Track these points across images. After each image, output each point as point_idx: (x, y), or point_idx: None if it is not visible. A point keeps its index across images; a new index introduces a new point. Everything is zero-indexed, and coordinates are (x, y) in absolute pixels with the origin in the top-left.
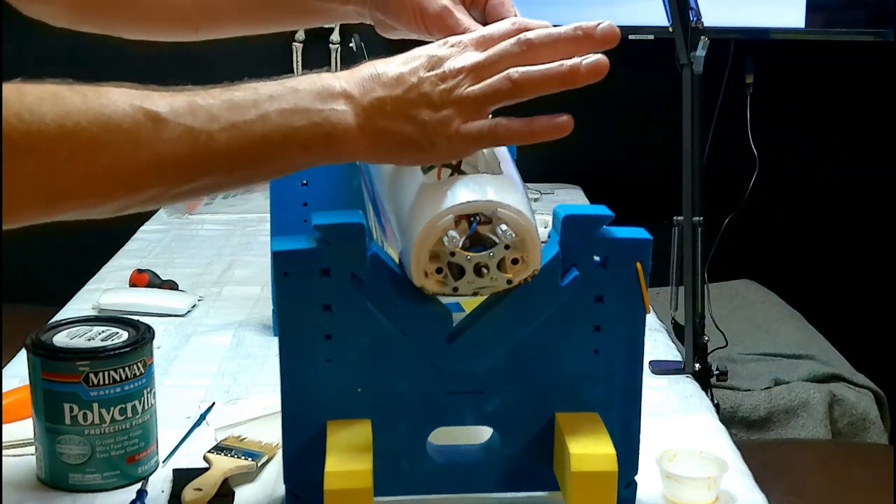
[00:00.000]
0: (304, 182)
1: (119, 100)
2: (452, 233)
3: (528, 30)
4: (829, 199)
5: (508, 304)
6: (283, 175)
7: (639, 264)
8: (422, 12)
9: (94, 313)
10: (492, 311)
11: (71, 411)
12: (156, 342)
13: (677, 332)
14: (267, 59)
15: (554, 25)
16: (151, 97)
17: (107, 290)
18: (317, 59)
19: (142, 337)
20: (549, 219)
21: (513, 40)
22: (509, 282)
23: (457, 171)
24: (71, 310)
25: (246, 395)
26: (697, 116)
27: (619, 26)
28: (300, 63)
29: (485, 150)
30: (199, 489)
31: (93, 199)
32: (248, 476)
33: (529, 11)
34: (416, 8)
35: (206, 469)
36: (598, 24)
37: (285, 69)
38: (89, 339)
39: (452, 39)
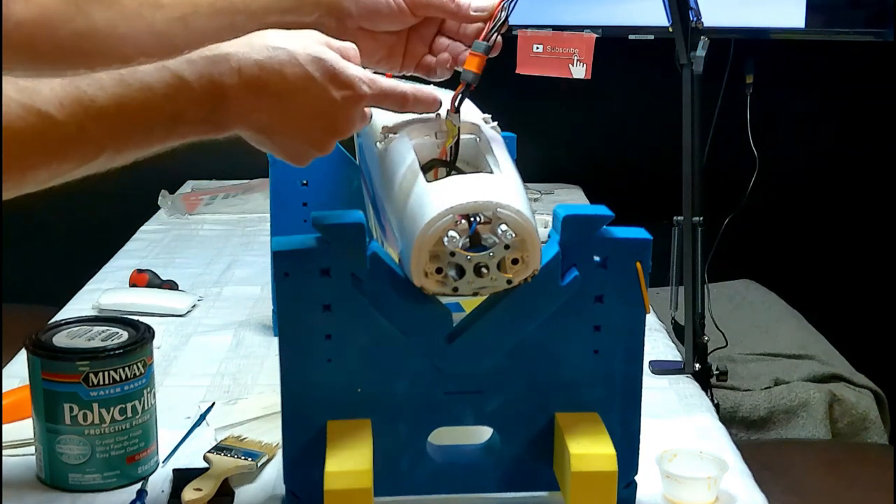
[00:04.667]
0: (304, 182)
1: (10, 98)
2: (452, 233)
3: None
4: (829, 199)
5: (508, 304)
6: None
7: (639, 264)
8: None
9: (94, 313)
10: (492, 311)
11: (71, 411)
12: (156, 342)
13: (677, 332)
14: None
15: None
16: (41, 93)
17: (107, 290)
18: None
19: (142, 337)
20: (549, 219)
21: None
22: (509, 282)
23: (456, 170)
24: (71, 310)
25: (246, 395)
26: (697, 116)
27: (619, 26)
28: None
29: (485, 151)
30: (199, 489)
31: None
32: (248, 476)
33: (534, 12)
34: None
35: (206, 469)
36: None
37: None
38: (89, 339)
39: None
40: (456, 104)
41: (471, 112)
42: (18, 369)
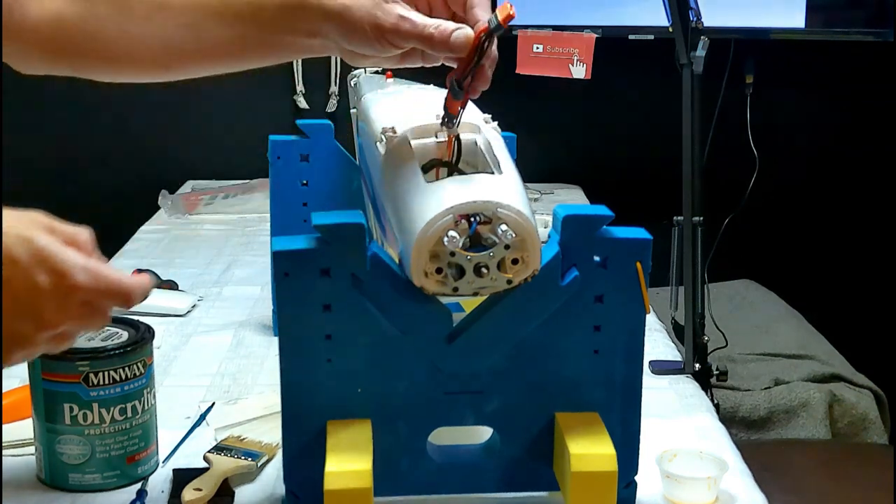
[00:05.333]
0: (304, 182)
1: None
2: (452, 233)
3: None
4: (829, 199)
5: (508, 304)
6: None
7: (639, 264)
8: (379, 29)
9: None
10: (492, 311)
11: (71, 411)
12: (156, 342)
13: (677, 332)
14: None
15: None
16: None
17: None
18: (319, 64)
19: (142, 337)
20: (549, 219)
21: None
22: (509, 282)
23: (456, 170)
24: None
25: (246, 395)
26: (697, 116)
27: (620, 26)
28: (300, 70)
29: (485, 151)
30: (199, 489)
31: None
32: (248, 476)
33: (534, 12)
34: (372, 26)
35: (206, 469)
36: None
37: (286, 70)
38: (89, 339)
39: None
40: (444, 122)
41: (471, 112)
42: (18, 369)
